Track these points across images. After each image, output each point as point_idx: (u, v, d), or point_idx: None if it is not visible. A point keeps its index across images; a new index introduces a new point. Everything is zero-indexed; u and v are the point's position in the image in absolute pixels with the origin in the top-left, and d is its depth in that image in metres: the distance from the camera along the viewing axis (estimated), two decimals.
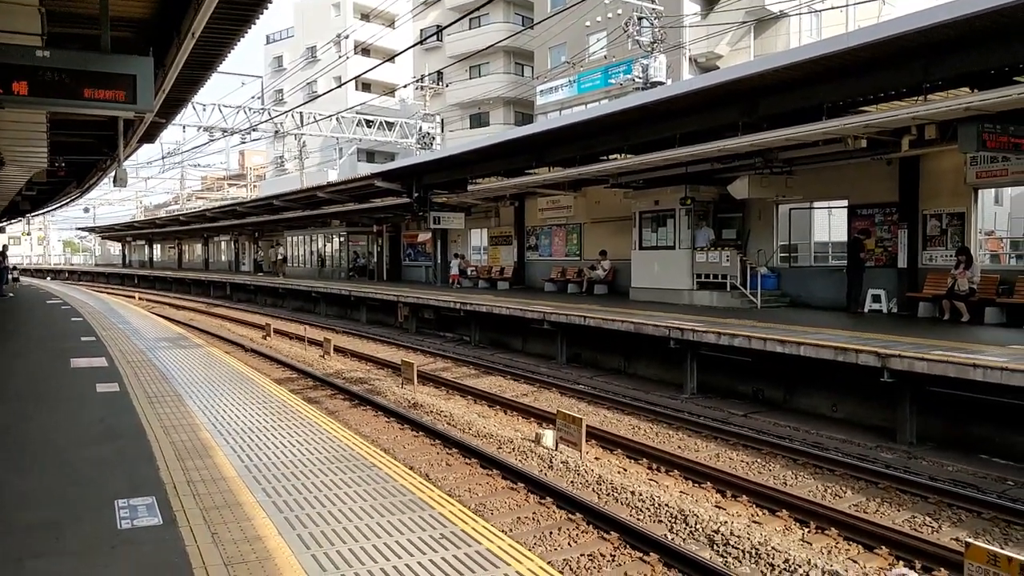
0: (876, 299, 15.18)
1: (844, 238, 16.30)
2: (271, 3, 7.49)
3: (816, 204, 17.32)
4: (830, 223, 17.69)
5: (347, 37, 45.73)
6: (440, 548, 4.19)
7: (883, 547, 6.36)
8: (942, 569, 5.91)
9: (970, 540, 5.03)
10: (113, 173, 12.12)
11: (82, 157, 15.99)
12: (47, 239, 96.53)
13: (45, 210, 47.68)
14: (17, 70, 5.93)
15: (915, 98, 12.18)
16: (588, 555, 6.31)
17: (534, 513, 7.31)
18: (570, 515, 7.16)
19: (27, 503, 5.01)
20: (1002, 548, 6.02)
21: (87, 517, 4.69)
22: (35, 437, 6.73)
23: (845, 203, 16.26)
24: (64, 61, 6.10)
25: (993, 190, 15.42)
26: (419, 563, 4.01)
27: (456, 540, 4.31)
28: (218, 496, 5.04)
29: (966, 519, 7.17)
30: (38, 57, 5.97)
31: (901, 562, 6.16)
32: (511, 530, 6.85)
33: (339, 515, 4.71)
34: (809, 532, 6.86)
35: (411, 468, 8.65)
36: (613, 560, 6.23)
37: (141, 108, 6.38)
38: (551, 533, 6.78)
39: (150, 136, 15.85)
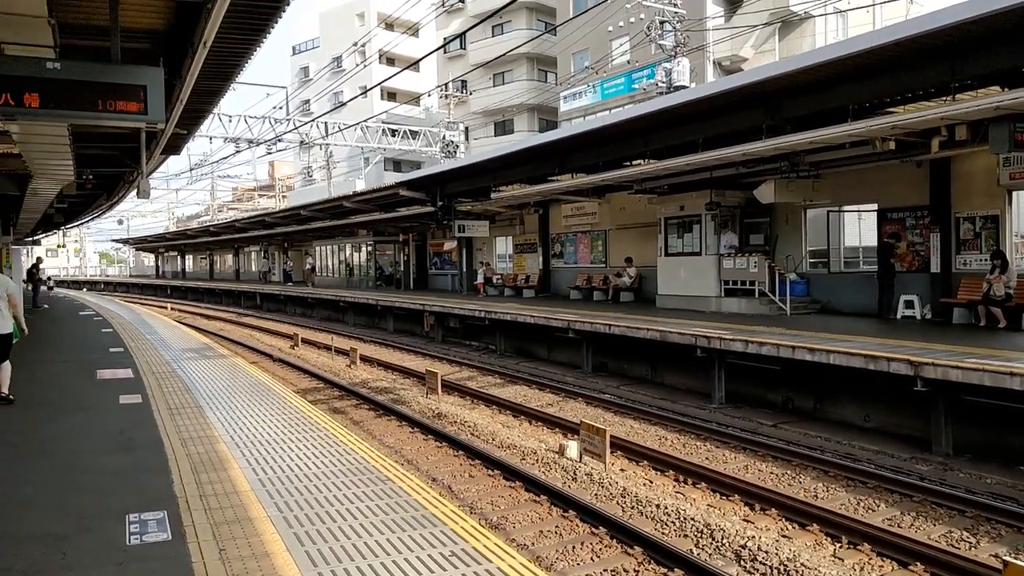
0: (909, 305, 14.80)
1: (875, 243, 15.93)
2: (283, 14, 7.45)
3: (845, 208, 16.96)
4: (860, 227, 17.30)
5: (369, 45, 45.98)
6: (450, 567, 4.06)
7: (918, 563, 6.11)
8: None
9: (1008, 558, 4.79)
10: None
11: (108, 169, 16.15)
12: (83, 251, 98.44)
13: (78, 222, 48.53)
14: (28, 82, 5.95)
15: (944, 98, 11.87)
16: (611, 571, 6.14)
17: (556, 527, 7.16)
18: (593, 529, 6.99)
19: (36, 515, 4.98)
20: None
21: (96, 531, 4.64)
22: (52, 447, 6.73)
23: (875, 207, 15.89)
24: (75, 72, 6.10)
25: None
26: None
27: (467, 558, 4.18)
28: (229, 511, 4.97)
29: (1005, 534, 6.88)
30: (49, 69, 5.99)
31: None
32: (532, 544, 6.71)
33: (349, 531, 4.61)
34: (841, 547, 6.61)
35: (433, 479, 8.60)
36: None
37: (152, 119, 6.37)
38: (573, 547, 6.62)
39: (174, 148, 15.95)
